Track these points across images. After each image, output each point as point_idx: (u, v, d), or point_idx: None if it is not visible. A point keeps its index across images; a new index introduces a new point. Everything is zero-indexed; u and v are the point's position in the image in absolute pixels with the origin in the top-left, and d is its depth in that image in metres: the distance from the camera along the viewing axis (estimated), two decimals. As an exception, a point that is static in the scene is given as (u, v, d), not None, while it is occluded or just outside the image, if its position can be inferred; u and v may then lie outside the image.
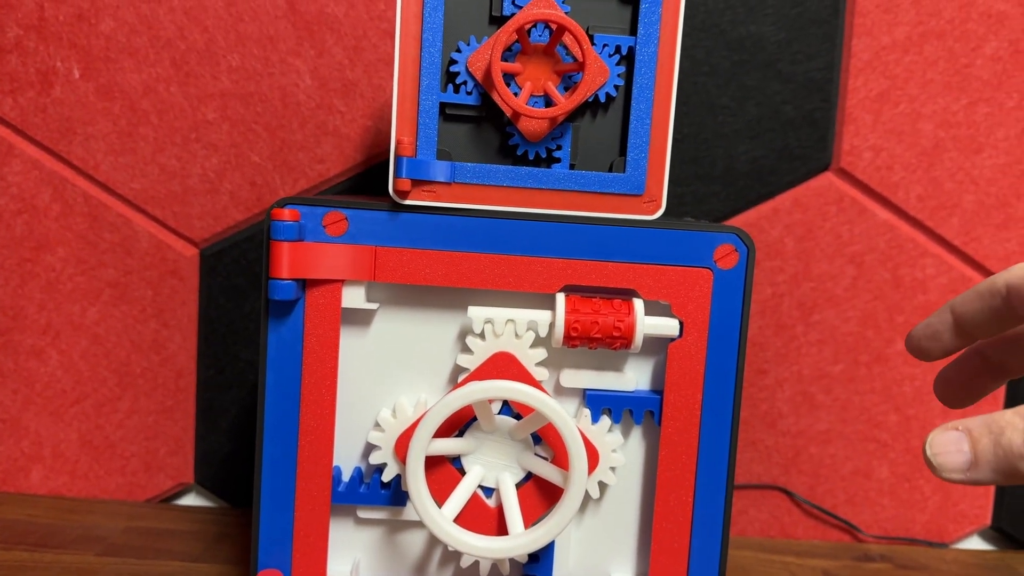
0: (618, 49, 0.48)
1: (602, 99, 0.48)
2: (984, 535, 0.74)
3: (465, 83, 0.47)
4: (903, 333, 0.71)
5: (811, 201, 0.70)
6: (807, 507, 0.73)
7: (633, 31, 0.48)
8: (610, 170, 0.48)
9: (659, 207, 0.48)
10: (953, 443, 0.34)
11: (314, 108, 0.69)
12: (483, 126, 0.48)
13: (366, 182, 0.70)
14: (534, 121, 0.47)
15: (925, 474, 0.72)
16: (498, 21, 0.48)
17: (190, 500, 0.73)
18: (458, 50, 0.47)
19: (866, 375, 0.72)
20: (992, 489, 0.73)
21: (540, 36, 0.47)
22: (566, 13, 0.47)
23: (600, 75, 0.47)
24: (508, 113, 0.47)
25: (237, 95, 0.69)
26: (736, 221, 0.70)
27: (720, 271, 0.48)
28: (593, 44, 0.47)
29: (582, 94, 0.46)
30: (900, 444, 0.72)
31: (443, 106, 0.47)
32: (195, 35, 0.68)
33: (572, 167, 0.48)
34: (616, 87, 0.48)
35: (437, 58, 0.46)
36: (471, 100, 0.47)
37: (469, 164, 0.47)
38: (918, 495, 0.73)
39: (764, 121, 0.70)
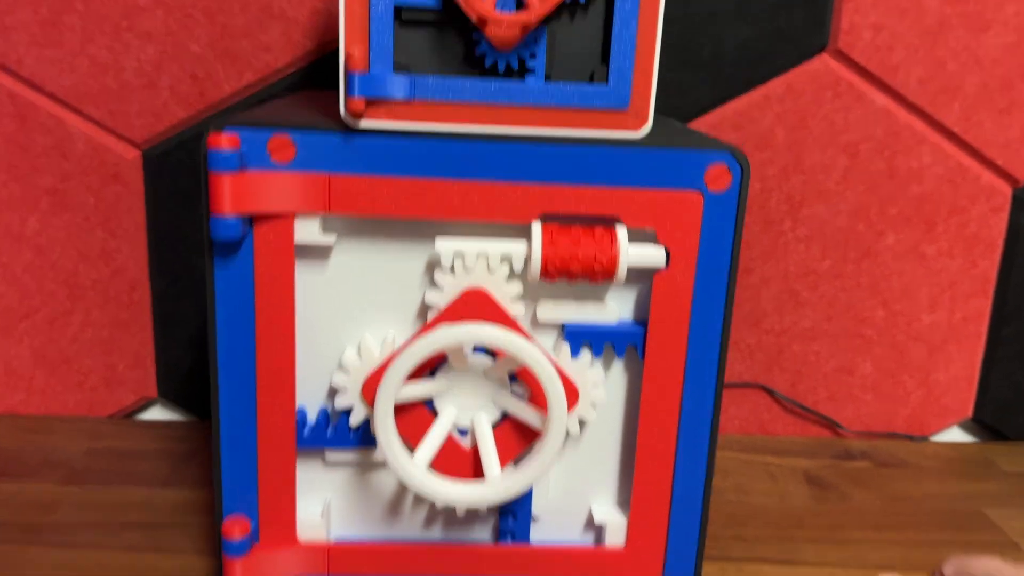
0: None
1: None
2: (965, 427, 0.74)
3: (426, -21, 0.41)
4: (895, 226, 0.68)
5: (805, 86, 0.65)
6: (788, 404, 0.71)
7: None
8: (591, 80, 0.43)
9: (645, 122, 0.43)
10: None
11: (257, -11, 0.62)
12: (445, 33, 0.42)
13: (318, 73, 0.64)
14: (504, 27, 0.41)
15: (909, 369, 0.71)
16: None
17: (154, 414, 0.71)
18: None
19: (853, 271, 0.69)
20: (975, 382, 0.72)
21: (510, -75, 0.41)
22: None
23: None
24: (473, 18, 0.41)
25: (169, -24, 0.61)
26: (724, 110, 0.65)
27: (711, 194, 0.44)
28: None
29: (556, -3, 0.40)
30: (885, 340, 0.70)
31: (398, 10, 0.41)
32: (116, -94, 0.60)
33: (548, 78, 0.43)
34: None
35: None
36: (430, 2, 0.41)
37: (430, 77, 0.41)
38: (900, 390, 0.71)
39: (756, 0, 0.63)
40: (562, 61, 0.43)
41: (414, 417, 0.45)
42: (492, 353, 0.45)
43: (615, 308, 0.45)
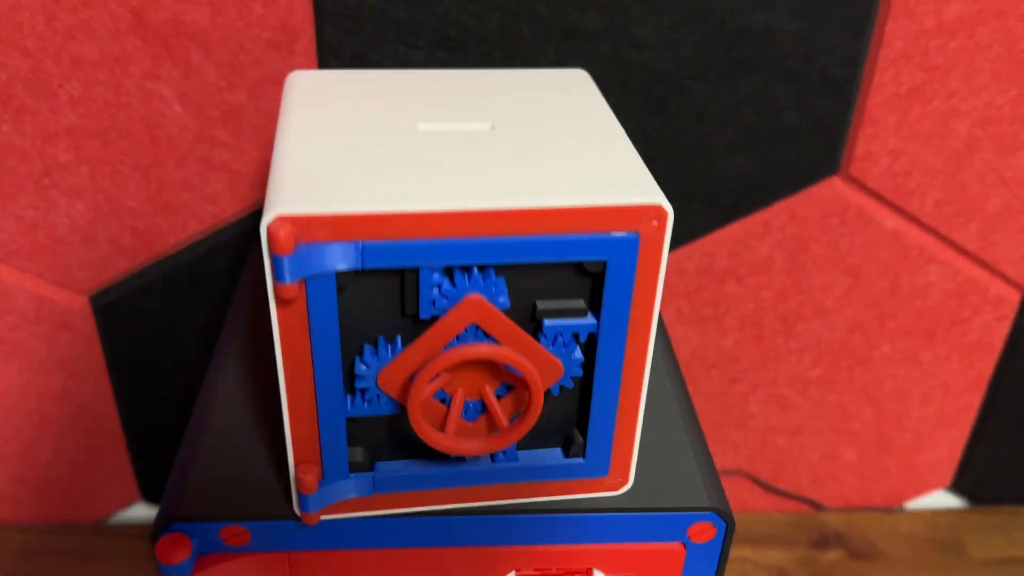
0: (575, 337, 0.36)
1: (555, 392, 0.37)
2: (941, 496, 0.75)
3: (378, 397, 0.36)
4: (893, 338, 0.64)
5: (809, 212, 0.59)
6: (770, 491, 0.72)
7: (594, 305, 0.36)
8: (566, 450, 0.39)
9: (626, 482, 0.40)
10: None
11: (191, 141, 0.54)
12: (404, 421, 0.38)
13: (274, 218, 0.57)
14: (471, 454, 0.37)
15: (892, 453, 0.71)
16: (412, 318, 0.35)
17: (139, 511, 0.71)
18: (360, 352, 0.36)
19: (846, 377, 0.66)
20: (956, 459, 0.72)
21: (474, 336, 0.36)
22: (504, 293, 0.35)
23: (552, 374, 0.36)
24: (439, 450, 0.37)
25: (89, 131, 0.53)
26: (719, 236, 0.59)
27: (693, 545, 0.41)
28: (542, 333, 0.36)
29: (531, 418, 0.36)
30: (871, 432, 0.69)
31: (351, 419, 0.37)
32: (15, 61, 0.51)
33: (518, 447, 0.39)
34: (574, 378, 0.37)
35: (336, 370, 0.35)
36: (386, 410, 0.37)
37: (393, 466, 0.38)
38: (881, 469, 0.72)
39: (762, 130, 0.56)
40: (534, 429, 0.39)
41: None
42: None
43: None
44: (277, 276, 0.32)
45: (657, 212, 0.34)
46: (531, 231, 0.33)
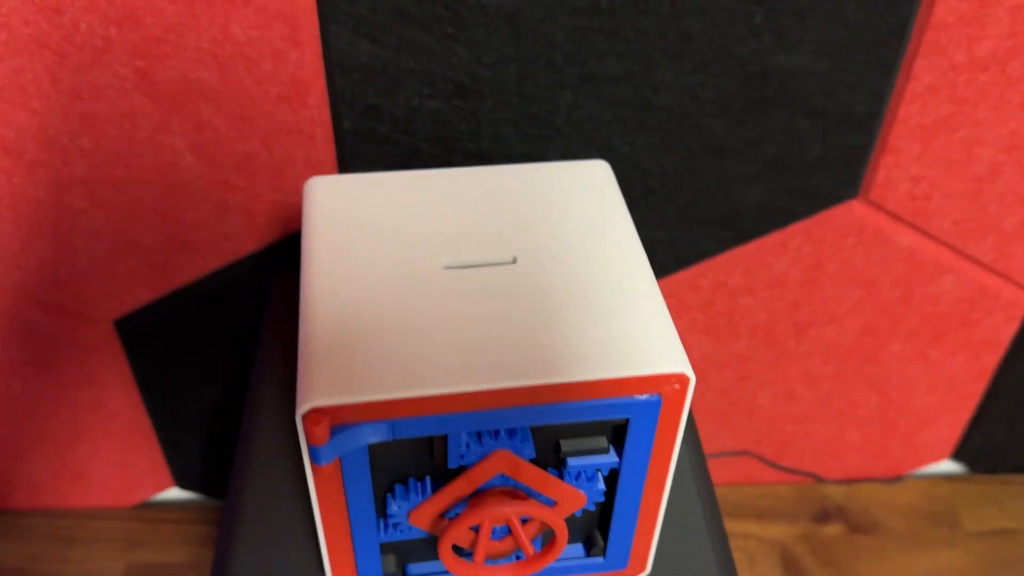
0: (598, 471, 0.38)
1: (578, 514, 0.39)
2: (940, 467, 0.78)
3: (409, 527, 0.38)
4: (903, 339, 0.66)
5: (827, 233, 0.59)
6: (775, 468, 0.75)
7: (616, 439, 0.37)
8: (588, 549, 0.42)
9: (644, 570, 0.43)
10: None
11: (205, 187, 0.53)
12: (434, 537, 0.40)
13: (291, 250, 0.57)
14: None
15: (895, 435, 0.73)
16: (445, 477, 0.37)
17: (174, 494, 0.75)
18: (392, 490, 0.37)
19: (855, 373, 0.68)
20: (958, 435, 0.74)
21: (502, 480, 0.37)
22: (530, 446, 0.36)
23: (575, 503, 0.38)
24: None
25: (103, 181, 0.53)
26: (734, 255, 0.60)
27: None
28: (565, 469, 0.37)
29: (557, 551, 0.38)
30: (875, 417, 0.72)
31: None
32: (22, 120, 0.50)
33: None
34: (596, 503, 0.39)
35: (369, 509, 0.37)
36: (418, 535, 0.39)
37: (423, 567, 0.40)
38: (883, 447, 0.75)
39: (783, 163, 0.55)
40: (558, 535, 0.41)
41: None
42: None
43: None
44: (314, 459, 0.33)
45: (680, 378, 0.34)
46: (558, 399, 0.34)
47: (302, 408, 0.32)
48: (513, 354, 0.34)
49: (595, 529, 0.41)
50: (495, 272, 0.38)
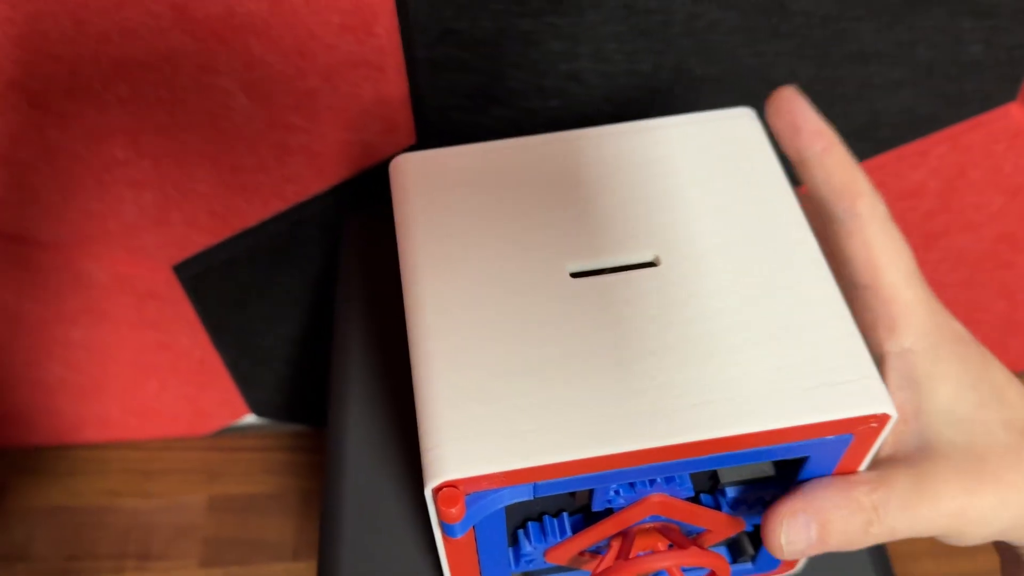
0: (759, 499, 0.32)
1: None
2: (1060, 363, 0.73)
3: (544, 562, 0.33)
4: (1044, 244, 0.58)
5: (975, 139, 0.51)
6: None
7: (783, 463, 0.32)
8: (734, 555, 0.37)
9: (794, 567, 0.38)
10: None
11: (262, 128, 0.46)
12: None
13: (363, 188, 0.51)
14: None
15: (1018, 333, 0.67)
16: (583, 510, 0.32)
17: (250, 420, 0.72)
18: (524, 527, 0.33)
19: (986, 279, 0.61)
20: (1086, 331, 0.68)
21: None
22: (688, 487, 0.31)
23: (732, 528, 0.33)
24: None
25: (145, 129, 0.46)
26: (869, 164, 0.52)
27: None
28: (723, 496, 0.32)
29: (710, 585, 0.33)
30: (1001, 322, 0.65)
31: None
32: (47, 68, 0.42)
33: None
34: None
35: (503, 551, 0.32)
36: (551, 567, 0.34)
37: (554, 586, 0.37)
38: (1001, 347, 0.69)
39: (937, 66, 0.46)
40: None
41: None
42: None
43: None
44: (447, 533, 0.28)
45: (880, 418, 0.28)
46: (730, 450, 0.28)
47: (432, 482, 0.27)
48: (672, 400, 0.28)
49: (743, 536, 0.37)
50: (633, 279, 0.31)
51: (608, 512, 0.32)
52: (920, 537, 0.29)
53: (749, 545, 0.37)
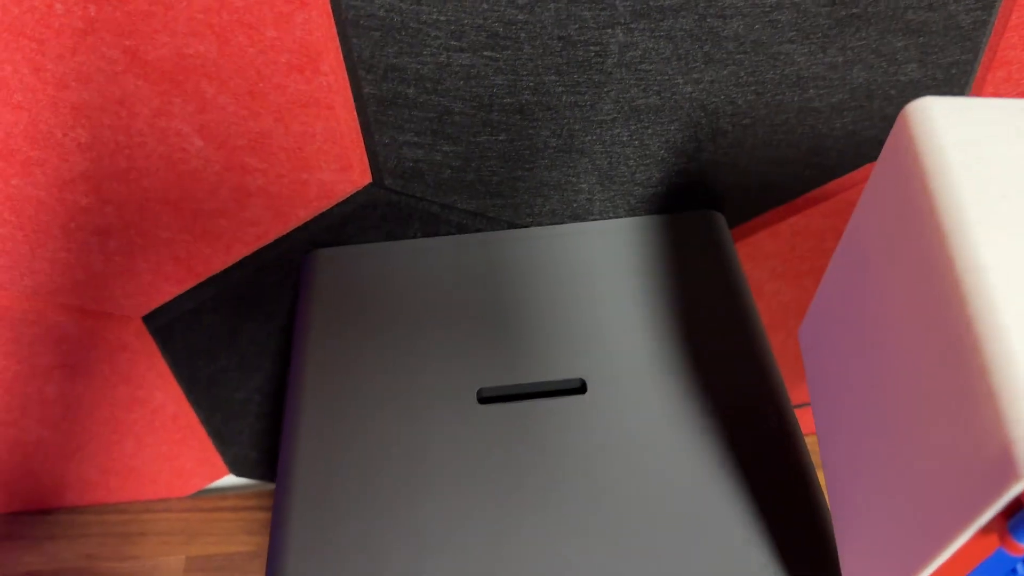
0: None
1: None
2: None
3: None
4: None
5: (923, 162, 0.51)
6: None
7: None
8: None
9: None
10: None
11: (220, 172, 0.48)
12: None
13: (323, 230, 0.52)
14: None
15: None
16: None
17: (230, 481, 0.72)
18: None
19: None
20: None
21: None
22: None
23: None
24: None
25: (106, 175, 0.47)
26: (819, 193, 0.53)
27: None
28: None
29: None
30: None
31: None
32: (6, 116, 0.44)
33: None
34: None
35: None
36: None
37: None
38: None
39: (875, 89, 0.47)
40: None
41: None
42: None
43: None
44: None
45: None
46: None
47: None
48: None
49: None
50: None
51: None
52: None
53: None
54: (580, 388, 0.31)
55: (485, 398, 0.32)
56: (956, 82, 0.47)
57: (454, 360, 0.33)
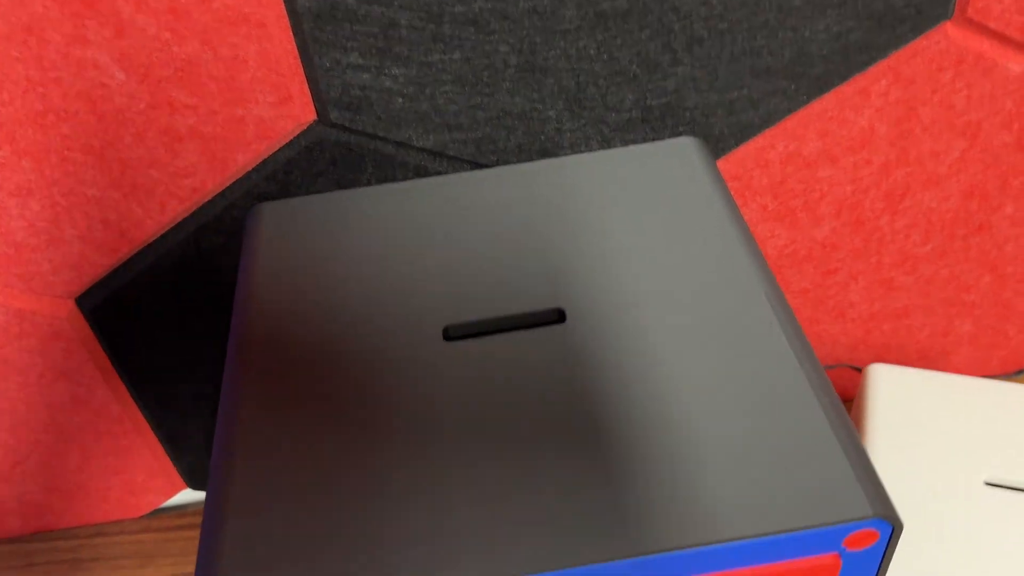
0: None
1: None
2: (1068, 351, 0.67)
3: None
4: (1017, 196, 0.54)
5: (917, 70, 0.47)
6: (874, 371, 0.64)
7: None
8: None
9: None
10: None
11: (145, 111, 0.43)
12: None
13: (267, 181, 0.47)
14: None
15: (1013, 318, 0.62)
16: None
17: (188, 496, 0.65)
18: None
19: (961, 247, 0.56)
20: (1088, 310, 0.63)
21: None
22: None
23: None
24: None
25: (19, 119, 0.43)
26: (807, 113, 0.48)
27: (850, 553, 0.34)
28: None
29: None
30: (989, 300, 0.60)
31: None
32: (-100, 50, 0.40)
33: None
34: None
35: None
36: None
37: None
38: (1001, 337, 0.63)
39: (856, -21, 0.43)
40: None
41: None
42: None
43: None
44: None
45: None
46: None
47: None
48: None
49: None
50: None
51: None
52: None
53: None
54: (559, 318, 0.27)
55: (452, 336, 0.27)
56: (945, -32, 0.44)
57: (414, 300, 0.29)
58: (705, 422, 0.25)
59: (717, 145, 0.49)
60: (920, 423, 0.43)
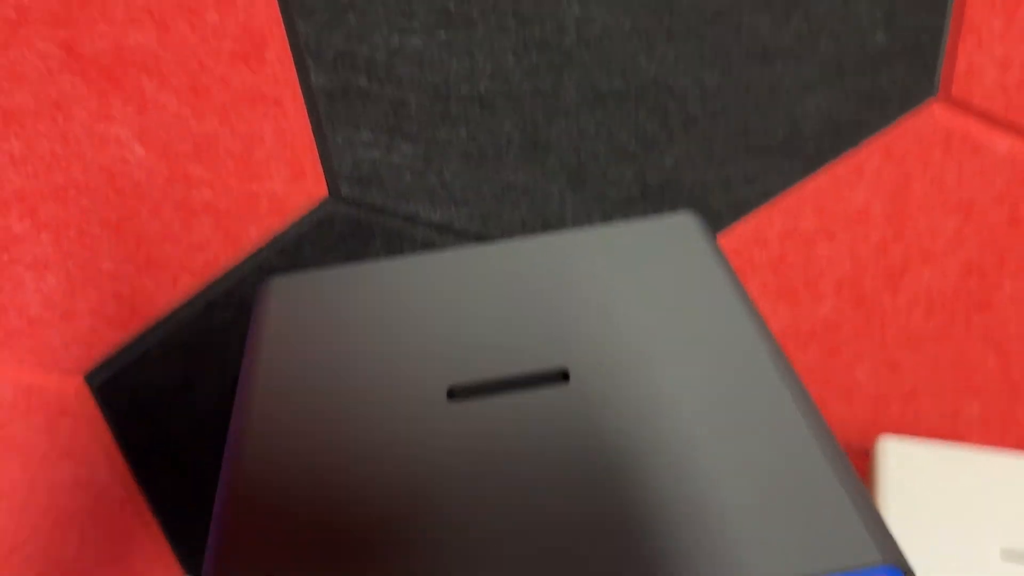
0: None
1: None
2: (1080, 436, 0.66)
3: None
4: (1015, 275, 0.55)
5: (907, 147, 0.49)
6: (884, 456, 0.63)
7: None
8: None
9: None
10: None
11: (162, 185, 0.45)
12: None
13: (278, 256, 0.48)
14: None
15: (1022, 398, 0.62)
16: None
17: (190, 593, 0.64)
18: None
19: (963, 326, 0.57)
20: (1096, 393, 0.63)
21: None
22: None
23: None
24: None
25: (42, 193, 0.44)
26: (803, 190, 0.50)
27: None
28: None
29: None
30: (996, 382, 0.60)
31: None
32: (-67, 126, 0.42)
33: None
34: None
35: None
36: None
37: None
38: (1009, 419, 0.63)
39: (845, 60, 0.46)
40: None
41: None
42: None
43: None
44: None
45: None
46: None
47: None
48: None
49: None
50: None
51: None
52: None
53: None
54: (562, 377, 0.28)
55: (456, 395, 0.28)
56: (926, 50, 0.46)
57: (420, 363, 0.30)
58: (713, 479, 0.25)
59: (715, 222, 0.50)
60: (933, 496, 0.43)
